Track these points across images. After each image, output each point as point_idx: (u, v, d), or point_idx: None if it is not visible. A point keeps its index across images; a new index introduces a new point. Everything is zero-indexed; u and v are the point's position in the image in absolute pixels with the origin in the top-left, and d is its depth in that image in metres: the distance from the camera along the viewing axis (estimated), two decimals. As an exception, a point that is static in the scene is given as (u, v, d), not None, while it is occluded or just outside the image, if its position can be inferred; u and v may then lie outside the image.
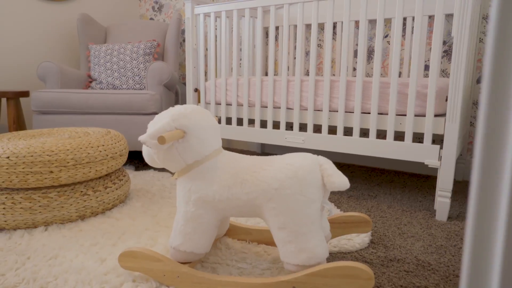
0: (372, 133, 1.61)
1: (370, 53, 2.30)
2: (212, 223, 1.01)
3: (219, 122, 2.18)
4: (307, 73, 2.54)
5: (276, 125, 2.51)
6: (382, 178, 2.10)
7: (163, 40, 2.77)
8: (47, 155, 1.30)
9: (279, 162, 0.95)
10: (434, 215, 1.53)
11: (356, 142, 1.65)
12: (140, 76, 2.46)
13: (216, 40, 2.44)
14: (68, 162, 1.32)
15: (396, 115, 1.58)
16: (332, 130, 2.38)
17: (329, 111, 1.72)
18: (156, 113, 2.15)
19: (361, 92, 1.60)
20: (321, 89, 1.73)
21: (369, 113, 1.64)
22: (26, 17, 2.62)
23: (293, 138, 1.81)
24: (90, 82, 2.59)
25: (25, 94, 2.34)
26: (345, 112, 1.69)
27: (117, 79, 2.46)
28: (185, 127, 0.96)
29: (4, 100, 2.49)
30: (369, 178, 2.11)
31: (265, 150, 2.82)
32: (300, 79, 1.77)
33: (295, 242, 0.90)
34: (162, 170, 2.22)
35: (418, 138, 2.19)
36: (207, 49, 2.68)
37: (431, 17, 2.09)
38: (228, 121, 2.30)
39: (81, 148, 1.37)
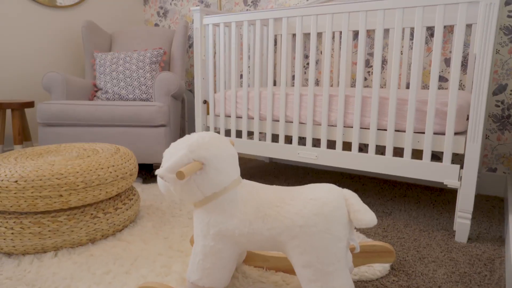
0: (389, 151, 1.57)
1: (382, 62, 2.25)
2: (232, 257, 0.96)
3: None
4: (318, 83, 2.50)
5: (287, 139, 2.47)
6: (395, 192, 2.06)
7: (169, 47, 2.73)
8: (56, 178, 1.26)
9: (303, 196, 0.90)
10: (453, 236, 1.48)
11: (371, 160, 1.60)
12: (147, 86, 2.41)
13: (225, 50, 2.39)
14: (78, 185, 1.28)
15: (414, 132, 1.53)
16: (347, 146, 2.33)
17: (344, 126, 1.68)
18: (164, 125, 2.11)
19: (377, 108, 1.56)
20: (335, 104, 1.68)
21: (386, 129, 1.59)
22: (29, 24, 2.58)
23: (306, 153, 1.77)
24: (96, 91, 2.54)
25: (30, 104, 2.30)
26: (361, 128, 1.64)
27: (123, 88, 2.42)
28: (204, 158, 0.92)
29: (8, 110, 2.45)
30: (382, 191, 2.06)
31: (274, 161, 2.78)
32: (314, 94, 1.72)
33: (321, 281, 0.86)
34: (170, 183, 2.17)
35: (436, 155, 2.14)
36: (214, 57, 2.64)
37: (445, 27, 2.04)
38: (238, 134, 2.26)
39: (91, 170, 1.33)
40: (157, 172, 0.91)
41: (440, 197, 1.97)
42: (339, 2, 1.60)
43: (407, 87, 2.17)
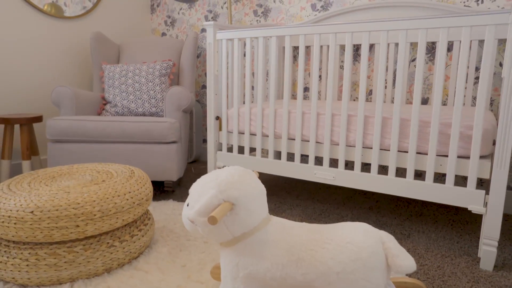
0: (410, 174, 1.53)
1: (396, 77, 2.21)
2: (261, 300, 0.93)
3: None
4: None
5: (303, 158, 2.44)
6: (410, 210, 2.02)
7: (178, 58, 2.69)
8: (73, 208, 1.21)
9: (339, 239, 0.87)
10: (478, 262, 1.45)
11: (391, 182, 1.56)
12: (156, 99, 2.37)
13: (238, 66, 2.35)
14: (94, 215, 1.24)
15: (437, 155, 1.50)
16: (365, 166, 2.28)
17: (363, 147, 1.64)
18: (175, 142, 2.07)
19: (398, 130, 1.52)
20: (354, 124, 1.65)
21: (407, 152, 1.55)
22: (36, 36, 2.54)
23: (323, 174, 1.73)
24: (104, 104, 2.50)
25: (38, 119, 2.26)
26: (380, 149, 1.61)
27: (132, 102, 2.38)
28: (234, 199, 0.88)
29: (17, 125, 2.40)
30: (397, 210, 2.03)
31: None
32: (332, 113, 1.68)
33: (358, 330, 0.82)
34: (182, 200, 2.14)
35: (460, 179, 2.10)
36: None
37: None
38: (252, 151, 2.22)
39: (107, 198, 1.29)
40: (188, 217, 0.87)
41: (458, 216, 1.93)
42: (358, 21, 1.56)
43: (423, 102, 2.14)
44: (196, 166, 2.98)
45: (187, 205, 0.96)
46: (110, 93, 2.41)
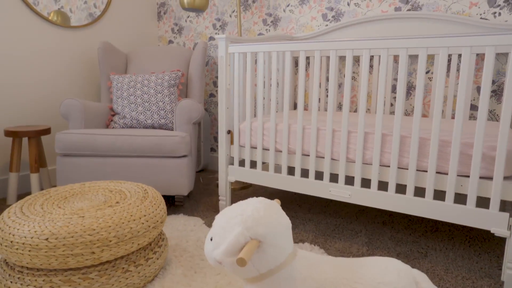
0: (429, 194, 1.49)
1: (409, 88, 2.18)
2: None
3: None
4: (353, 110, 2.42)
5: (318, 174, 2.40)
6: (425, 225, 1.99)
7: (186, 68, 2.66)
8: (89, 234, 1.19)
9: (369, 278, 0.83)
10: (501, 286, 1.41)
11: (410, 202, 1.53)
12: (165, 111, 2.34)
13: (251, 79, 2.32)
14: (110, 241, 1.21)
15: (457, 175, 1.46)
16: (382, 184, 2.23)
17: (380, 165, 1.61)
18: (186, 156, 2.04)
19: (416, 149, 1.49)
20: (371, 142, 1.61)
21: (426, 171, 1.52)
22: (43, 45, 2.51)
23: (338, 191, 1.70)
24: (113, 115, 2.47)
25: (47, 131, 2.23)
26: (398, 168, 1.57)
27: (141, 113, 2.35)
28: (261, 236, 0.85)
29: (25, 137, 2.37)
30: (411, 225, 1.99)
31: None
32: (347, 131, 1.65)
33: None
34: (192, 214, 2.11)
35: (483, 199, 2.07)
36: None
37: (478, 55, 1.98)
38: (264, 166, 2.19)
39: (123, 223, 1.26)
40: (216, 258, 0.84)
41: (474, 232, 1.90)
42: (375, 37, 1.53)
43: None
44: (204, 175, 2.95)
45: (211, 239, 0.93)
46: (119, 104, 2.38)
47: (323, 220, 2.06)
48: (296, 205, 2.29)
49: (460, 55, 2.01)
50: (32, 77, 2.45)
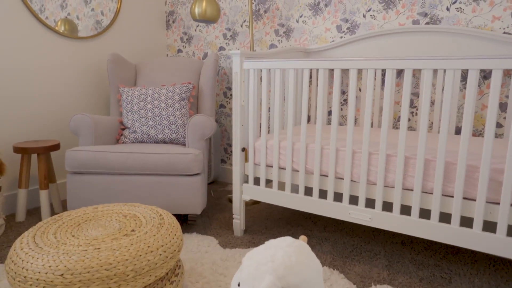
0: (455, 220, 1.44)
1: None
2: None
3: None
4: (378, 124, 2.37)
5: (336, 195, 2.36)
6: (444, 248, 1.93)
7: (197, 79, 2.61)
8: (105, 269, 1.14)
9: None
10: (530, 318, 1.36)
11: (434, 228, 1.47)
12: (177, 125, 2.29)
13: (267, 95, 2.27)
14: (127, 275, 1.16)
15: (486, 202, 1.40)
16: (405, 208, 2.17)
17: (402, 189, 1.55)
18: (199, 174, 1.99)
19: (442, 174, 1.43)
20: (393, 165, 1.56)
21: (452, 196, 1.46)
22: (51, 58, 2.46)
23: (359, 214, 1.64)
24: (123, 129, 2.42)
25: (56, 147, 2.19)
26: (422, 192, 1.51)
27: (152, 128, 2.30)
28: (294, 285, 0.80)
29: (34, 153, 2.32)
30: (431, 245, 1.94)
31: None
32: (368, 152, 1.59)
33: None
34: (205, 233, 2.06)
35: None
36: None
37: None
38: (281, 185, 2.14)
39: (140, 256, 1.21)
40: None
41: (494, 256, 1.84)
42: (400, 57, 1.47)
43: (457, 131, 2.04)
44: (215, 187, 2.90)
45: (238, 284, 0.87)
46: (129, 118, 2.33)
47: (339, 239, 2.01)
48: (311, 222, 2.24)
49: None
50: (40, 90, 2.41)
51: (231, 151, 2.98)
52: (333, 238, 2.03)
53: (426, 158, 1.49)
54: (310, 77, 2.48)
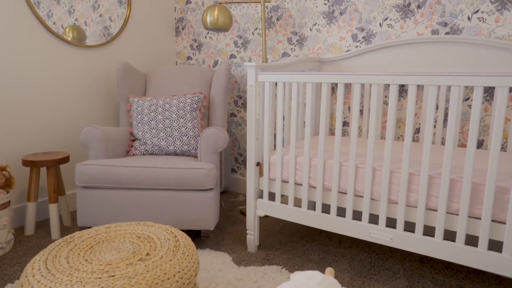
0: (483, 243, 1.38)
1: (445, 116, 2.06)
2: None
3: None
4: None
5: (355, 213, 2.30)
6: (465, 268, 1.86)
7: (208, 88, 2.56)
8: (121, 299, 1.09)
9: None
10: None
11: (460, 251, 1.41)
12: (188, 136, 2.24)
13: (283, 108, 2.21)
14: (144, 305, 1.11)
15: (515, 226, 1.34)
16: (428, 229, 2.11)
17: (426, 209, 1.49)
18: (212, 189, 1.94)
19: (468, 195, 1.37)
20: (416, 184, 1.50)
21: (479, 218, 1.40)
22: (61, 68, 2.42)
23: (379, 234, 1.58)
24: (133, 140, 2.38)
25: (65, 160, 2.15)
26: (447, 213, 1.45)
27: (163, 139, 2.25)
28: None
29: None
30: (451, 265, 1.87)
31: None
32: (390, 170, 1.54)
33: None
34: (218, 249, 2.01)
35: None
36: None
37: None
38: (297, 201, 2.08)
39: (156, 284, 1.16)
40: None
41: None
42: (430, 73, 1.41)
43: (478, 145, 1.98)
44: (225, 198, 2.85)
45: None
46: (139, 129, 2.29)
47: (356, 256, 1.95)
48: (325, 236, 2.18)
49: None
50: (48, 101, 2.37)
51: (242, 161, 2.93)
52: (349, 254, 1.97)
53: (452, 178, 1.43)
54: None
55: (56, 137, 2.43)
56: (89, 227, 2.01)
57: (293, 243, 2.10)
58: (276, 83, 2.50)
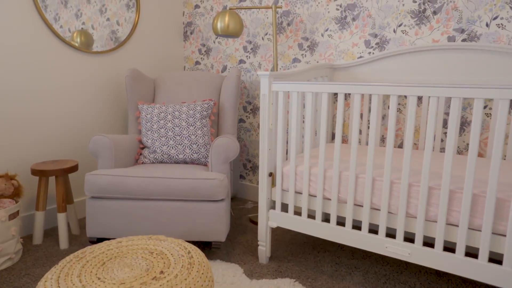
0: (508, 261, 1.33)
1: (463, 124, 2.01)
2: None
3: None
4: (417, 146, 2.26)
5: (372, 226, 2.26)
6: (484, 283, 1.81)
7: (217, 95, 2.52)
8: (136, 322, 1.05)
9: None
10: None
11: (483, 269, 1.37)
12: (198, 145, 2.21)
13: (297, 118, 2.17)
14: (159, 328, 1.08)
15: (541, 244, 1.30)
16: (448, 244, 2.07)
17: (446, 224, 1.45)
18: (223, 200, 1.90)
19: (492, 211, 1.32)
20: (436, 199, 1.45)
21: (504, 235, 1.36)
22: (67, 74, 2.40)
23: (396, 249, 1.54)
24: (142, 148, 2.35)
25: (74, 169, 2.12)
26: (469, 229, 1.41)
27: (172, 148, 2.22)
28: None
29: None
30: (469, 280, 1.82)
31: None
32: (408, 184, 1.49)
33: None
34: (229, 260, 1.97)
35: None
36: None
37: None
38: (310, 213, 2.04)
39: (172, 305, 1.12)
40: None
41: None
42: (443, 85, 1.37)
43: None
44: (234, 205, 2.81)
45: None
46: (149, 137, 2.25)
47: (370, 268, 1.91)
48: (338, 247, 2.14)
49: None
50: (56, 108, 2.34)
51: (251, 167, 2.89)
52: (363, 266, 1.92)
53: (474, 192, 1.38)
54: (335, 94, 2.38)
55: (64, 144, 2.40)
56: (98, 238, 1.98)
57: (305, 254, 2.06)
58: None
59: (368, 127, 2.30)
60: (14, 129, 2.15)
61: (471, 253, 2.05)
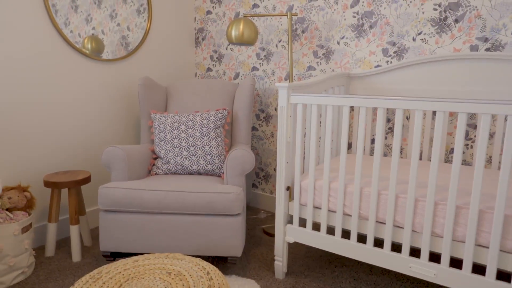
0: (540, 285, 1.27)
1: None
2: None
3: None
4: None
5: (394, 244, 2.21)
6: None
7: (231, 103, 2.48)
8: None
9: None
10: None
11: (514, 292, 1.31)
12: (212, 155, 2.17)
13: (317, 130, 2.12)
14: None
15: None
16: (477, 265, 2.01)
17: (476, 245, 1.39)
18: (239, 214, 1.86)
19: (526, 233, 1.26)
20: (464, 218, 1.40)
21: (536, 259, 1.30)
22: (79, 83, 2.37)
23: (421, 269, 1.49)
24: (155, 158, 2.31)
25: (87, 180, 2.09)
26: (500, 251, 1.35)
27: (186, 158, 2.18)
28: None
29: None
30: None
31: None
32: (434, 202, 1.44)
33: None
34: (245, 275, 1.92)
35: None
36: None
37: None
38: (330, 230, 1.99)
39: (194, 334, 1.08)
40: None
41: None
42: (455, 99, 1.31)
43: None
44: (247, 215, 2.76)
45: None
46: (162, 147, 2.22)
47: (389, 285, 1.85)
48: (355, 262, 2.09)
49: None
50: (67, 119, 2.31)
51: (263, 176, 2.85)
52: (382, 283, 1.87)
53: (506, 213, 1.32)
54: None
55: (76, 155, 2.37)
56: (112, 252, 1.95)
57: (322, 268, 2.01)
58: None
59: (386, 139, 2.24)
60: (25, 140, 2.12)
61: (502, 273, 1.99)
